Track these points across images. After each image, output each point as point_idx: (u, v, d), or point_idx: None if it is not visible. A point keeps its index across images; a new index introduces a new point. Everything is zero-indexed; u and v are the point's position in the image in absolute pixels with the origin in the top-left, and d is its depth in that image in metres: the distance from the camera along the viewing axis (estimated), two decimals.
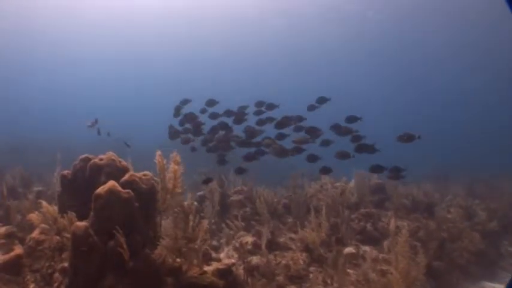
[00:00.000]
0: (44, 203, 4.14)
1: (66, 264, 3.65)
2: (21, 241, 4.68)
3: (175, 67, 34.95)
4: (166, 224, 4.05)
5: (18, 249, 4.31)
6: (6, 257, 4.10)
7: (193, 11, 25.90)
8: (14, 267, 4.09)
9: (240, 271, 3.95)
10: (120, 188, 3.54)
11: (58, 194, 4.15)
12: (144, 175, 3.91)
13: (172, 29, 29.09)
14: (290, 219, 6.76)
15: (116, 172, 3.89)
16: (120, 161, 3.99)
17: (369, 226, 6.51)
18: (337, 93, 7.02)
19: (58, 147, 13.91)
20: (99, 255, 3.39)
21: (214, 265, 3.80)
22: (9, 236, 4.60)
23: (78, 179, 3.99)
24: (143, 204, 3.76)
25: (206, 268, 3.73)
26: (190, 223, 3.50)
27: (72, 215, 3.58)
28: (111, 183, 3.54)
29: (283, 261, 5.48)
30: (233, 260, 3.98)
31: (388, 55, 28.58)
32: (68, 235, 4.10)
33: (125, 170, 3.97)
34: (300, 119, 6.29)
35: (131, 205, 3.56)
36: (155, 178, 4.00)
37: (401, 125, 6.23)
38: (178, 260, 3.65)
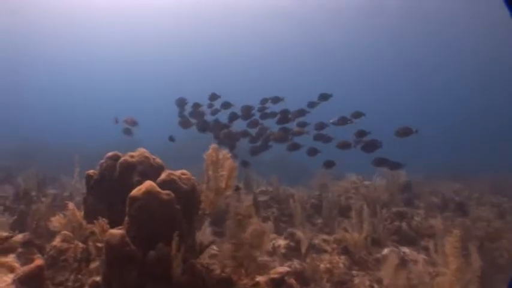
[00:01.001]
0: (71, 205, 3.54)
1: (97, 278, 3.04)
2: (40, 249, 4.06)
3: (178, 67, 34.31)
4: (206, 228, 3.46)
5: (38, 260, 3.69)
6: (26, 268, 3.48)
7: (195, 10, 25.37)
8: (35, 280, 3.46)
9: (292, 280, 3.35)
10: (159, 189, 2.95)
11: (83, 196, 3.54)
12: (183, 174, 3.31)
13: (174, 28, 28.52)
14: (320, 220, 6.19)
15: (151, 171, 3.30)
16: (154, 158, 3.40)
17: (404, 225, 5.95)
18: (339, 92, 6.67)
19: (68, 149, 13.30)
20: (138, 266, 2.79)
21: (266, 275, 3.20)
22: (26, 244, 3.98)
23: (105, 179, 3.39)
24: (183, 207, 3.16)
25: (258, 278, 3.13)
26: (251, 227, 2.91)
27: (103, 221, 2.97)
28: (149, 183, 2.94)
29: (322, 265, 4.90)
30: (287, 269, 3.38)
31: (392, 53, 28.13)
32: (97, 243, 3.50)
33: (160, 169, 3.37)
34: (303, 112, 6.25)
35: (172, 208, 2.97)
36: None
37: (406, 123, 5.92)
38: (226, 269, 3.06)
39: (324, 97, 6.35)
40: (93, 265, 3.50)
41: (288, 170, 10.17)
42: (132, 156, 3.35)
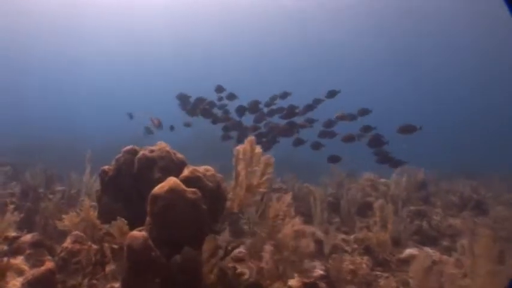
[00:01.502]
0: (87, 203, 3.21)
1: (116, 285, 2.71)
2: (50, 251, 3.73)
3: (180, 65, 33.90)
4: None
5: (49, 262, 3.36)
6: (36, 272, 3.15)
7: (197, 10, 25.01)
8: (46, 284, 3.14)
9: (323, 284, 3.03)
10: (184, 187, 2.62)
11: (97, 194, 3.20)
12: (207, 170, 2.98)
13: (177, 27, 28.14)
14: (336, 219, 5.87)
15: (172, 167, 2.96)
16: (175, 153, 3.07)
17: (425, 225, 5.63)
18: (346, 90, 6.52)
19: (73, 146, 12.95)
20: (162, 272, 2.46)
21: (298, 279, 2.87)
22: (36, 245, 3.65)
23: (122, 175, 3.05)
24: (208, 206, 2.83)
25: (290, 282, 2.81)
26: (291, 228, 2.59)
27: (122, 222, 2.63)
28: (173, 180, 2.61)
29: (344, 266, 4.57)
30: (321, 272, 3.06)
31: (399, 51, 27.74)
32: (113, 245, 3.17)
33: (181, 164, 3.04)
34: (311, 107, 6.13)
35: (199, 208, 2.64)
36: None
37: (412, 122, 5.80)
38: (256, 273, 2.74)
39: (332, 94, 6.18)
40: (109, 268, 3.17)
41: (295, 168, 9.86)
42: (151, 151, 3.02)
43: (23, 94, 35.19)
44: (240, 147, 2.91)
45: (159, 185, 2.60)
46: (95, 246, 3.45)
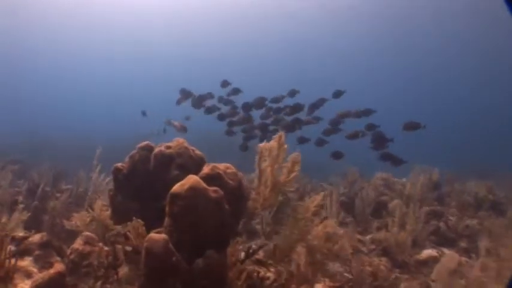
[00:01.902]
0: (99, 204, 2.99)
1: None
2: (59, 252, 3.51)
3: (183, 66, 33.63)
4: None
5: (58, 265, 3.15)
6: (45, 275, 2.93)
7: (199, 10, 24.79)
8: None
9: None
10: (205, 185, 2.39)
11: (110, 194, 2.97)
12: (227, 167, 2.75)
13: (180, 28, 27.93)
14: (349, 219, 5.64)
15: (191, 164, 2.74)
16: (193, 150, 2.84)
17: (442, 225, 5.40)
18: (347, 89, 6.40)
19: (79, 144, 12.72)
20: (183, 278, 2.23)
21: (325, 283, 2.64)
22: (44, 245, 3.43)
23: (138, 173, 2.82)
24: (230, 206, 2.60)
25: (316, 286, 2.58)
26: (323, 230, 2.37)
27: (138, 222, 2.41)
28: (194, 178, 2.38)
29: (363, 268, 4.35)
30: (349, 276, 2.82)
31: (393, 53, 27.54)
32: (126, 246, 2.95)
33: (200, 161, 2.81)
34: (316, 105, 6.05)
35: (222, 208, 2.41)
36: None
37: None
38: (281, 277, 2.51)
39: (337, 94, 6.09)
40: (122, 272, 2.95)
41: (304, 169, 9.61)
42: (168, 147, 2.79)
43: (29, 92, 35.01)
44: (264, 144, 2.69)
45: (179, 183, 2.38)
46: (106, 248, 3.23)
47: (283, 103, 6.25)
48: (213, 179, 2.55)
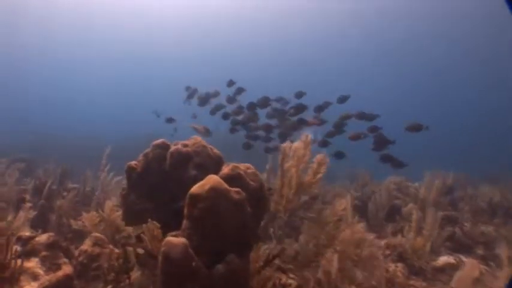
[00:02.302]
0: (109, 204, 2.81)
1: None
2: (66, 253, 3.33)
3: (186, 67, 33.49)
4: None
5: (66, 267, 2.97)
6: (53, 278, 2.75)
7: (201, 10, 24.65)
8: None
9: None
10: (227, 186, 2.21)
11: (122, 193, 2.80)
12: (247, 167, 2.57)
13: (184, 29, 27.83)
14: (362, 223, 5.43)
15: (209, 163, 2.55)
16: (211, 148, 2.66)
17: (457, 231, 5.19)
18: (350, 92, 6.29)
19: (84, 143, 12.58)
20: (203, 285, 2.05)
21: None
22: (52, 246, 3.24)
23: (152, 172, 2.64)
24: (251, 209, 2.42)
25: None
26: (352, 235, 2.19)
27: (154, 225, 2.23)
28: (214, 178, 2.20)
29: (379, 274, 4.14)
30: (374, 283, 2.63)
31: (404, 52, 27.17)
32: (137, 249, 2.77)
33: (219, 161, 2.63)
34: (322, 108, 5.98)
35: (244, 211, 2.23)
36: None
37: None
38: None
39: (342, 99, 6.01)
40: (134, 276, 2.77)
41: None
42: (185, 145, 2.61)
43: (34, 92, 34.98)
44: (287, 144, 2.51)
45: (199, 184, 2.20)
46: (116, 250, 3.05)
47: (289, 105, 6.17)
48: (233, 179, 2.37)
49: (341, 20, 23.64)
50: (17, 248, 3.18)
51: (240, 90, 6.42)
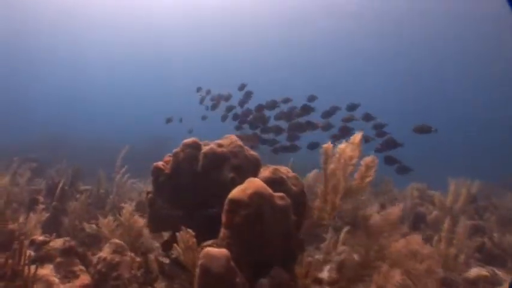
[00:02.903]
0: (128, 208, 2.54)
1: None
2: (82, 260, 3.04)
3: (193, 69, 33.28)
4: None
5: (83, 276, 2.68)
6: None
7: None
8: None
9: None
10: (271, 191, 1.93)
11: (148, 197, 2.52)
12: (288, 171, 2.29)
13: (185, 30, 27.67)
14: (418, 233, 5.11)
15: (247, 165, 2.29)
16: (247, 149, 2.38)
17: (487, 242, 4.86)
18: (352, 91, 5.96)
19: (95, 145, 12.35)
20: None
21: None
22: (67, 252, 2.96)
23: (182, 174, 2.37)
24: (294, 216, 2.13)
25: None
26: (406, 246, 1.91)
27: (189, 233, 1.94)
28: (257, 182, 1.93)
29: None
30: None
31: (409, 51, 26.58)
32: (160, 258, 2.50)
33: (256, 163, 2.36)
34: (330, 113, 5.77)
35: (289, 219, 1.95)
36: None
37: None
38: None
39: (352, 107, 5.81)
40: (158, 287, 2.48)
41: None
42: (220, 145, 2.34)
43: (44, 93, 34.97)
44: (329, 145, 2.23)
45: (239, 188, 1.92)
46: (138, 259, 2.77)
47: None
48: (275, 183, 2.09)
49: (346, 13, 22.99)
50: (31, 253, 2.91)
51: (248, 94, 6.30)
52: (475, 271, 4.30)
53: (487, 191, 6.59)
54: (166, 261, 2.58)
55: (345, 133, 5.53)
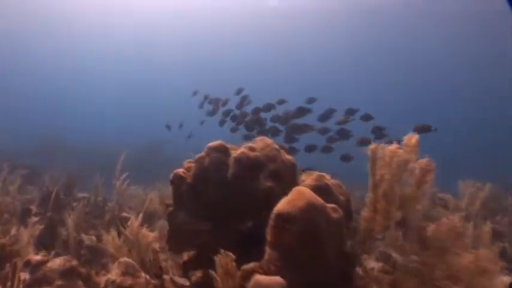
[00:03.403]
0: (134, 221, 2.16)
1: None
2: (86, 282, 2.63)
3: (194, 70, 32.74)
4: None
5: None
6: None
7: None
8: None
9: None
10: (323, 201, 1.60)
11: (168, 210, 2.15)
12: (329, 177, 1.96)
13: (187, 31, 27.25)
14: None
15: (285, 171, 1.94)
16: (284, 153, 2.04)
17: (508, 247, 4.63)
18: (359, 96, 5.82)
19: (91, 150, 11.76)
20: None
21: None
22: (68, 273, 2.55)
23: (209, 182, 2.01)
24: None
25: None
26: (474, 262, 1.62)
27: (230, 257, 1.59)
28: (307, 192, 1.59)
29: None
30: None
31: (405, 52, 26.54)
32: (175, 279, 2.13)
33: (293, 168, 2.02)
34: (327, 115, 5.60)
35: (342, 234, 1.62)
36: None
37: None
38: None
39: (351, 113, 5.68)
40: None
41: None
42: (252, 149, 1.99)
43: (38, 97, 33.82)
44: (377, 145, 1.92)
45: (286, 200, 1.58)
46: (153, 281, 2.38)
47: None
48: (321, 192, 1.76)
49: (337, 15, 22.89)
50: (26, 276, 2.49)
51: (244, 98, 6.14)
52: (502, 280, 4.07)
53: (496, 193, 6.42)
54: (186, 283, 2.21)
55: (342, 135, 5.42)
